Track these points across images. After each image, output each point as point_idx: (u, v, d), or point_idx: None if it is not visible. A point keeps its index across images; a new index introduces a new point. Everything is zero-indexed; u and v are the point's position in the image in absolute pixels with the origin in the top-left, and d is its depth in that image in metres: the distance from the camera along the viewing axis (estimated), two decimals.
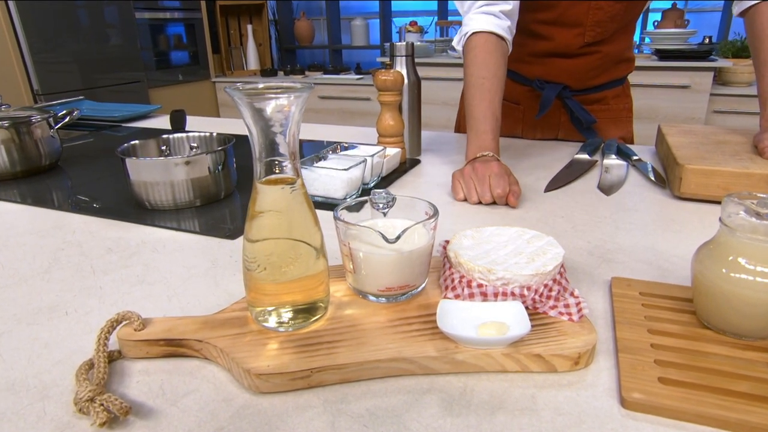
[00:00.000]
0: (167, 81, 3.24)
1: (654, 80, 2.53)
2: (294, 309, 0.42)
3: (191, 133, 0.86)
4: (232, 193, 0.80)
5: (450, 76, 2.90)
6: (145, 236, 0.65)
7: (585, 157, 0.94)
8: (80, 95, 1.71)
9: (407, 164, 0.95)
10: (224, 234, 0.65)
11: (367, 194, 0.50)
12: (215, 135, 0.85)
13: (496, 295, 0.43)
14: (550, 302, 0.43)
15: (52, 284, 0.54)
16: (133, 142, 0.79)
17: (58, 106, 1.40)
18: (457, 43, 0.93)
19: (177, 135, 0.85)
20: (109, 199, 0.79)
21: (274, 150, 0.39)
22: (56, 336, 0.45)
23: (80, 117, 1.07)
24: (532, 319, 0.40)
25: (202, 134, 0.85)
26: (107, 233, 0.66)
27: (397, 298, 0.46)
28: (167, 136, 0.84)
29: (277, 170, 0.40)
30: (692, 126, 0.94)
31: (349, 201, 0.50)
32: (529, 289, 0.43)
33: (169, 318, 0.43)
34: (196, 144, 0.85)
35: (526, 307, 0.42)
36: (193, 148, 0.85)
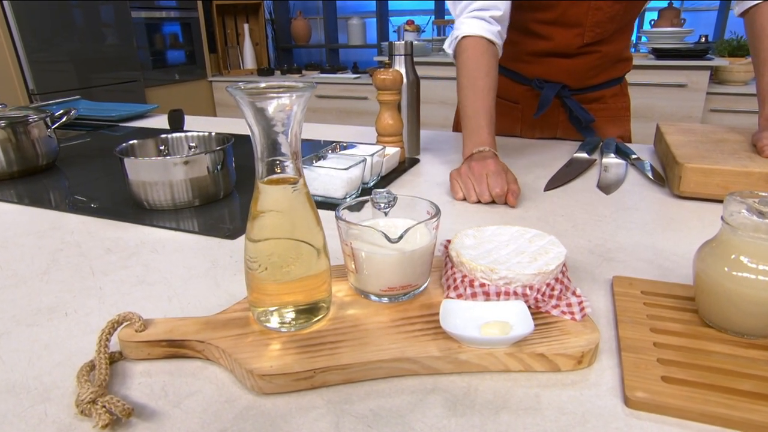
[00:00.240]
0: (164, 80, 3.23)
1: (651, 79, 2.54)
2: (296, 309, 0.42)
3: (190, 133, 0.85)
4: (231, 193, 0.80)
5: (447, 75, 2.90)
6: (144, 236, 0.65)
7: (584, 155, 0.94)
8: (76, 95, 1.70)
9: (406, 163, 0.95)
10: (224, 234, 0.65)
11: (367, 194, 0.50)
12: (214, 134, 0.85)
13: (498, 294, 0.43)
14: (553, 301, 0.43)
15: (51, 285, 0.53)
16: (132, 141, 0.79)
17: (54, 106, 1.39)
18: (448, 47, 0.94)
19: (175, 135, 0.84)
20: (107, 200, 0.78)
21: (276, 150, 0.39)
22: (56, 337, 0.44)
23: (77, 117, 1.06)
24: (534, 318, 0.40)
25: (201, 134, 0.85)
26: (106, 233, 0.66)
27: (399, 298, 0.46)
28: (166, 135, 0.84)
29: (278, 170, 0.40)
30: (691, 125, 0.94)
31: (350, 201, 0.49)
32: (531, 288, 0.43)
33: (170, 319, 0.43)
34: (194, 144, 0.85)
35: (529, 306, 0.42)
36: (191, 148, 0.85)
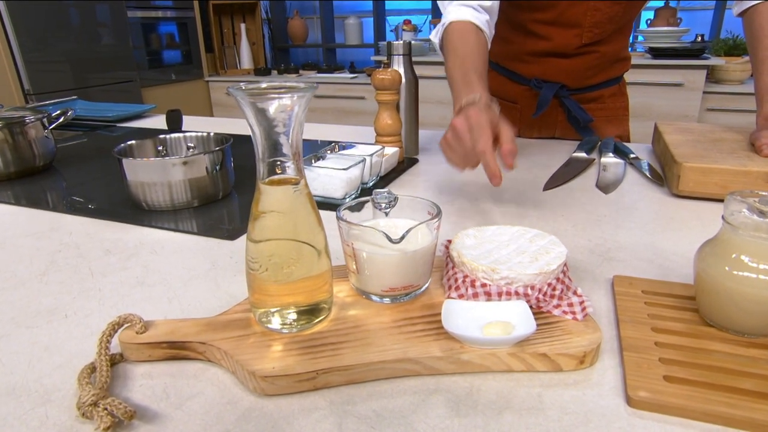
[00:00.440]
0: (160, 80, 3.22)
1: (648, 78, 2.54)
2: (297, 310, 0.42)
3: (188, 133, 0.85)
4: (230, 194, 0.80)
5: (444, 74, 2.90)
6: (143, 237, 0.65)
7: (582, 155, 0.94)
8: (72, 95, 1.69)
9: (405, 163, 0.95)
10: (223, 235, 0.65)
11: (367, 194, 0.50)
12: (212, 135, 0.85)
13: (500, 294, 0.43)
14: (554, 301, 0.43)
15: (50, 287, 0.53)
16: (130, 142, 0.78)
17: (51, 106, 1.39)
18: (435, 36, 0.91)
19: (174, 135, 0.84)
20: (105, 200, 0.78)
21: (277, 150, 0.39)
22: (56, 339, 0.44)
23: (74, 117, 1.05)
24: (536, 318, 0.40)
25: (199, 134, 0.85)
26: (104, 234, 0.66)
27: (401, 299, 0.46)
28: (164, 136, 0.83)
29: (280, 171, 0.39)
30: (689, 124, 0.94)
31: (351, 201, 0.49)
32: (533, 288, 0.43)
33: (171, 320, 0.43)
34: (193, 144, 0.85)
35: (530, 306, 0.42)
36: (190, 149, 0.84)
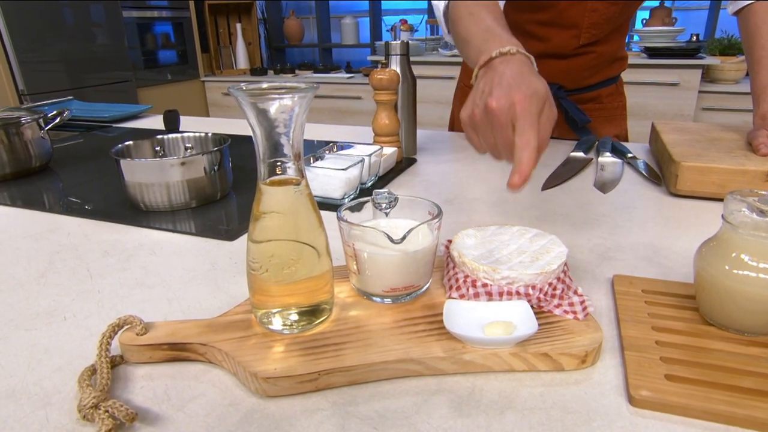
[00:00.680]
0: (156, 80, 3.21)
1: (643, 78, 2.55)
2: (299, 311, 0.42)
3: (186, 134, 0.85)
4: (229, 194, 0.80)
5: (442, 74, 2.90)
6: (141, 238, 0.65)
7: (580, 155, 0.94)
8: (67, 95, 1.68)
9: (403, 163, 0.95)
10: (222, 235, 0.64)
11: (366, 194, 0.50)
12: (210, 135, 0.84)
13: (501, 294, 0.43)
14: (555, 301, 0.43)
15: (48, 288, 0.53)
16: (127, 142, 0.78)
17: (47, 107, 1.38)
18: (437, 9, 0.80)
19: (171, 135, 0.84)
20: (103, 201, 0.78)
21: (278, 151, 0.39)
22: (56, 341, 0.44)
23: (69, 118, 1.05)
24: (537, 317, 0.41)
25: (197, 134, 0.85)
26: (102, 236, 0.65)
27: (402, 299, 0.45)
28: (162, 136, 0.83)
29: (280, 171, 0.39)
30: (686, 123, 0.95)
31: (351, 201, 0.49)
32: (534, 288, 0.43)
33: (171, 322, 0.43)
34: (191, 144, 0.84)
35: (531, 306, 0.42)
36: (188, 149, 0.84)
